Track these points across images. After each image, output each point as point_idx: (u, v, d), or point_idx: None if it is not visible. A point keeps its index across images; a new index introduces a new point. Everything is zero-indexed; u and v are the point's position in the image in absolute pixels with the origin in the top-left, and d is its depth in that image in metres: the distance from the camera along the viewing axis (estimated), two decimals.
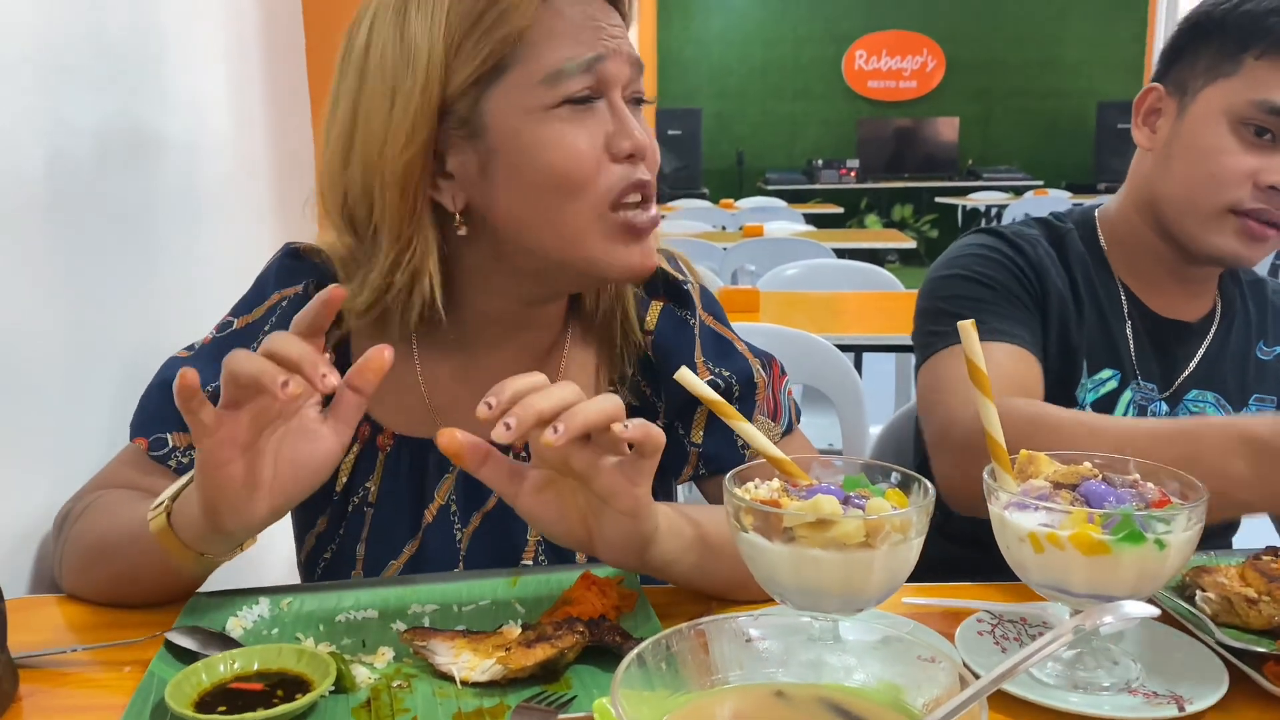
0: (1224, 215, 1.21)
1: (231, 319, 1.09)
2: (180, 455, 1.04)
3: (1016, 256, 1.30)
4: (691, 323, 1.14)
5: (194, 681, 0.78)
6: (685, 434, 1.14)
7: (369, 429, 1.09)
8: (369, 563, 1.08)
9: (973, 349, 0.86)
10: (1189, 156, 1.23)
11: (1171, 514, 0.78)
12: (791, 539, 0.78)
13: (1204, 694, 0.80)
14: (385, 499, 1.08)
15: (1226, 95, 1.20)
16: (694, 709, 0.70)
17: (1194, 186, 1.23)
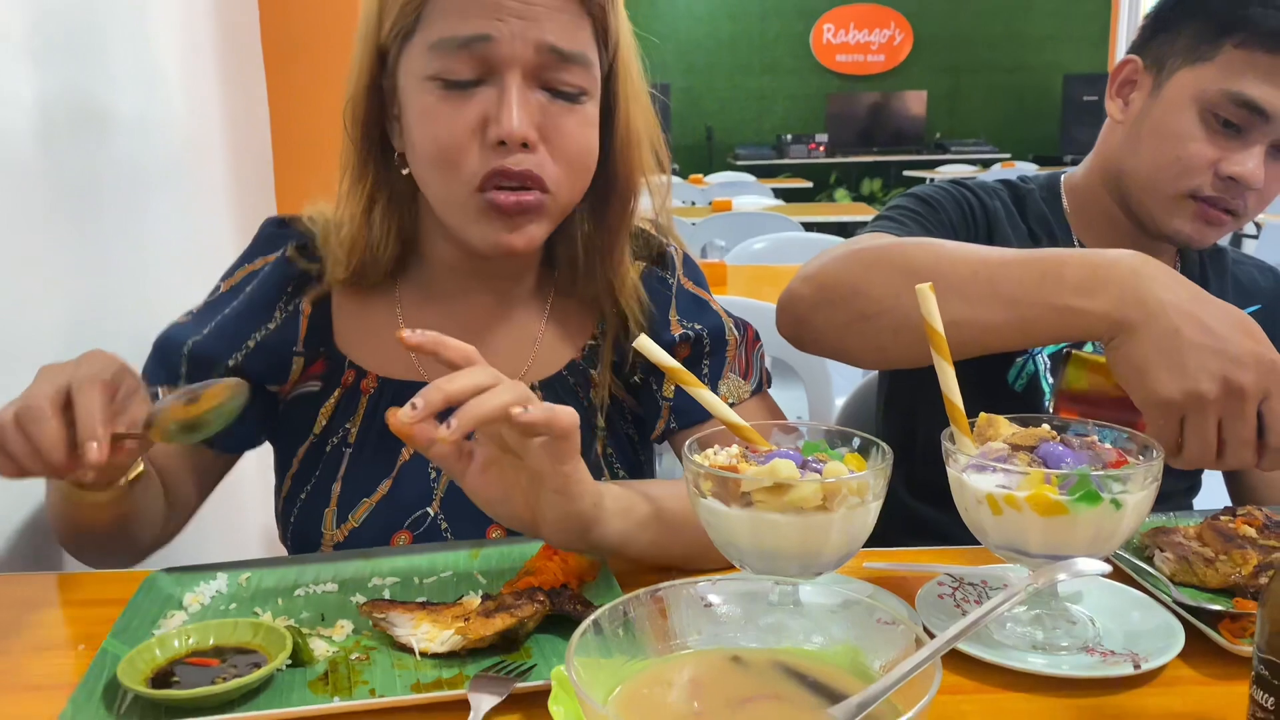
0: (1183, 200, 1.22)
1: (219, 284, 1.14)
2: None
3: (972, 199, 1.33)
4: (670, 283, 1.18)
5: (147, 657, 0.77)
6: (658, 389, 1.16)
7: (353, 374, 1.10)
8: (343, 501, 1.08)
9: (931, 313, 0.86)
10: (1156, 138, 1.24)
11: (1127, 474, 0.78)
12: (749, 504, 0.78)
13: (1160, 652, 0.80)
14: (364, 439, 1.10)
15: (1200, 81, 1.20)
16: (650, 675, 0.70)
17: (1158, 168, 1.23)
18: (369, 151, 1.06)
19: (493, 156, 0.97)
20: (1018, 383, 1.29)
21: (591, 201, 1.09)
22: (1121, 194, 1.29)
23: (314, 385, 1.11)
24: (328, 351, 1.11)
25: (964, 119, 11.19)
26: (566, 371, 1.15)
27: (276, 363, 1.09)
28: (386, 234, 1.07)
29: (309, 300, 1.10)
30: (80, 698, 0.73)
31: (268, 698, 0.75)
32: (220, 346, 1.08)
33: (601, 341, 1.16)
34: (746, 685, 0.69)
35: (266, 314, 1.10)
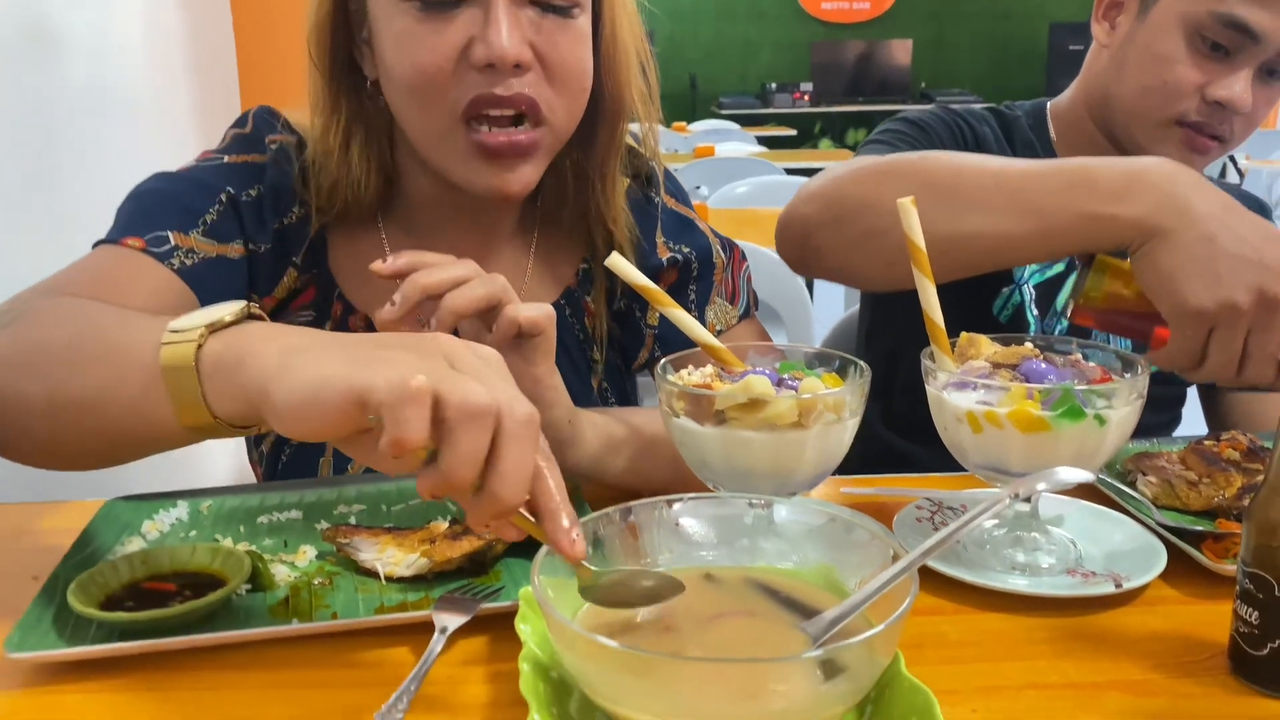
0: (1169, 126, 1.19)
1: (220, 155, 1.02)
2: (184, 256, 0.93)
3: (961, 124, 1.30)
4: (656, 201, 1.14)
5: (100, 582, 0.75)
6: (641, 317, 1.13)
7: (341, 308, 1.04)
8: (340, 452, 1.02)
9: (912, 228, 0.83)
10: (1143, 62, 1.20)
11: (1112, 390, 0.76)
12: (723, 422, 0.75)
13: (1142, 572, 0.79)
14: None
15: (1187, 2, 1.17)
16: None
17: (1143, 93, 1.20)
18: (339, 82, 0.97)
19: (479, 82, 0.89)
20: (1003, 314, 1.27)
21: (580, 124, 1.00)
22: (1106, 120, 1.26)
23: (306, 315, 1.04)
24: (320, 274, 1.04)
25: (949, 68, 11.09)
26: (563, 301, 1.10)
27: (274, 268, 1.01)
28: (367, 170, 1.00)
29: (305, 241, 1.02)
30: (29, 622, 0.70)
31: (225, 622, 0.73)
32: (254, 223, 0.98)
33: (593, 267, 1.12)
34: (718, 602, 0.67)
35: (285, 209, 1.01)
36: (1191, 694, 0.66)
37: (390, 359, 0.59)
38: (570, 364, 1.10)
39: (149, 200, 0.96)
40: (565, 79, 0.93)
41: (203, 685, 0.67)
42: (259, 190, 1.00)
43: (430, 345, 0.62)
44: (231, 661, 0.69)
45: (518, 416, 0.59)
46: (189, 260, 0.94)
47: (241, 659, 0.69)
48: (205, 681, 0.67)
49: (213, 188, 0.98)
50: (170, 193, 0.97)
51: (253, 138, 1.03)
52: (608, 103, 1.02)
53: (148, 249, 0.92)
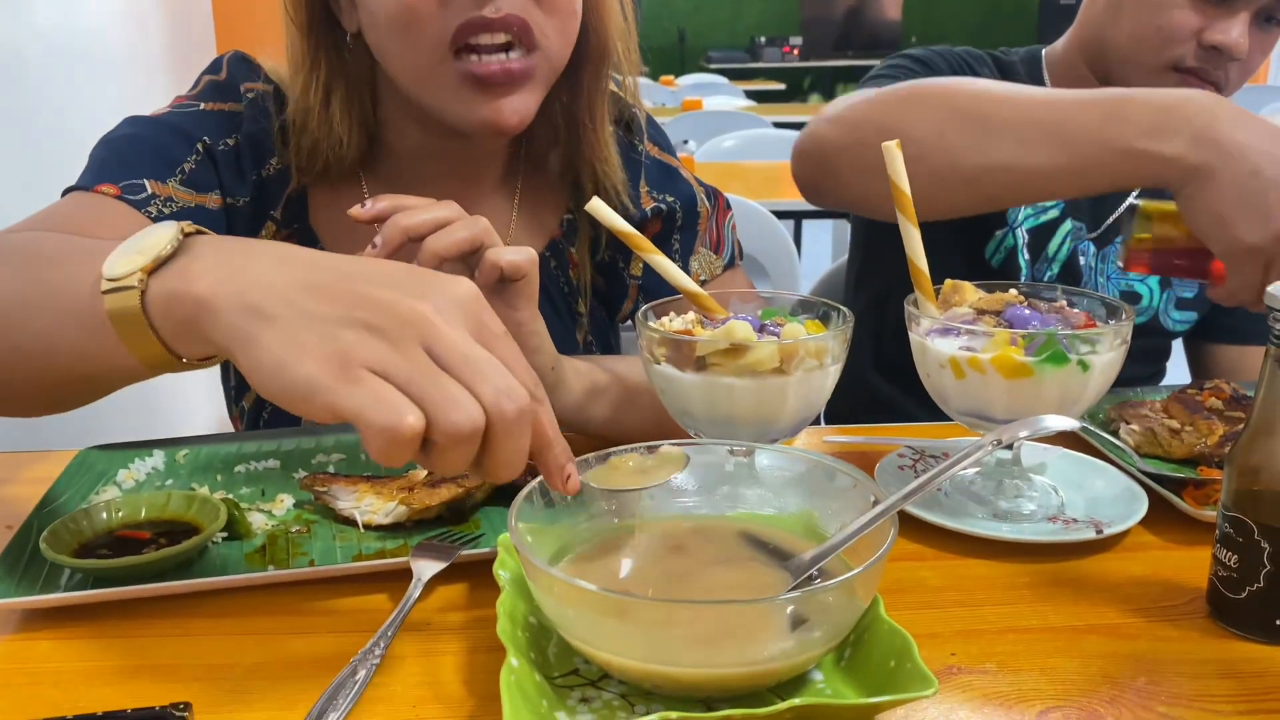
0: (1165, 72, 1.18)
1: (195, 102, 0.98)
2: (162, 205, 0.90)
3: (962, 65, 1.29)
4: (640, 150, 1.12)
5: (73, 529, 0.74)
6: (625, 267, 1.12)
7: None
8: None
9: (898, 172, 0.82)
10: (1138, 7, 1.19)
11: (1096, 335, 0.76)
12: (704, 368, 0.74)
13: (1123, 518, 0.79)
14: None
15: None
16: (605, 540, 0.67)
17: (1139, 38, 1.19)
18: (317, 38, 0.94)
19: (466, 5, 0.85)
20: (995, 257, 1.26)
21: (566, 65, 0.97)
22: (1102, 67, 1.25)
23: None
24: (301, 229, 1.01)
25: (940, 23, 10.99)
26: (548, 253, 1.09)
27: (252, 220, 0.99)
28: (348, 128, 0.96)
29: (284, 199, 1.00)
30: (1, 569, 0.69)
31: (201, 569, 0.72)
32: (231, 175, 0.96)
33: (577, 217, 1.10)
34: (700, 549, 0.67)
35: (262, 161, 0.98)
36: (1170, 637, 0.66)
37: (371, 363, 0.55)
38: (555, 316, 1.09)
39: (123, 146, 0.93)
40: (555, 3, 0.89)
41: (177, 632, 0.66)
42: (236, 140, 0.98)
43: (411, 330, 0.56)
44: (207, 609, 0.69)
45: (508, 419, 0.56)
46: (167, 209, 0.91)
47: (217, 606, 0.69)
48: (180, 628, 0.67)
49: (189, 135, 0.95)
50: (146, 139, 0.94)
51: (227, 85, 1.00)
52: (593, 41, 0.99)
53: (123, 196, 0.89)
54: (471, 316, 0.59)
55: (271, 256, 0.60)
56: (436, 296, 0.58)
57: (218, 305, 0.58)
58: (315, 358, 0.55)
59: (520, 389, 0.57)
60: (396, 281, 0.58)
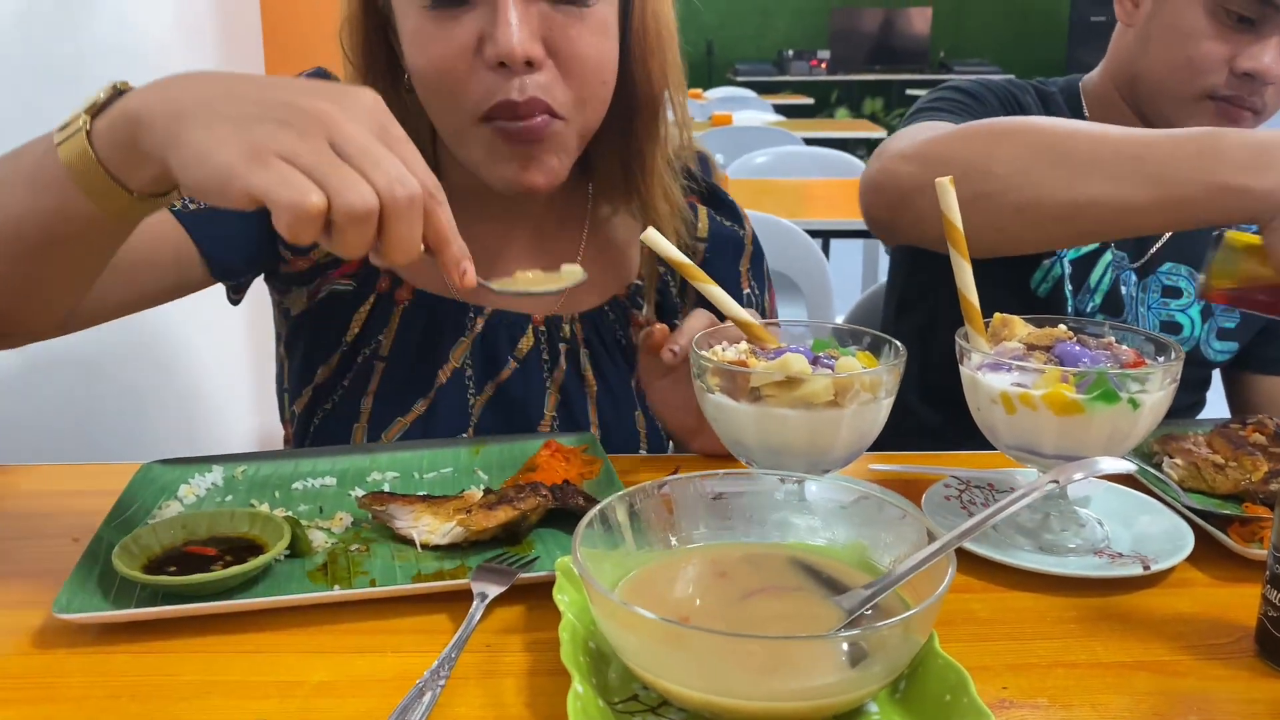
0: (1200, 101, 1.19)
1: None
2: (189, 200, 0.94)
3: (1007, 96, 1.29)
4: (741, 234, 1.17)
5: (143, 545, 0.76)
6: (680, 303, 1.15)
7: (389, 282, 1.05)
8: (375, 418, 1.04)
9: (950, 207, 0.83)
10: (1167, 39, 1.20)
11: (1146, 374, 0.77)
12: (758, 399, 0.76)
13: (1169, 554, 0.80)
14: (398, 353, 1.04)
15: None
16: (662, 566, 0.69)
17: (1170, 70, 1.19)
18: (375, 76, 0.97)
19: (496, 82, 0.88)
20: (1041, 288, 1.27)
21: (615, 115, 0.99)
22: (1136, 98, 1.26)
23: (345, 285, 1.04)
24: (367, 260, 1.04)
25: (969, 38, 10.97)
26: (608, 308, 1.10)
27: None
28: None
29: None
30: (75, 583, 0.71)
31: (266, 587, 0.74)
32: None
33: (648, 283, 1.12)
34: (755, 578, 0.68)
35: None
36: (1219, 676, 0.67)
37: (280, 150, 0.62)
38: (614, 368, 1.10)
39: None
40: (582, 73, 0.91)
41: (247, 648, 0.68)
42: None
43: (317, 125, 0.63)
44: (273, 625, 0.70)
45: (400, 203, 0.64)
46: (192, 204, 0.95)
47: (284, 622, 0.71)
48: (249, 644, 0.69)
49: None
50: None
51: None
52: (640, 91, 1.00)
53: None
54: (374, 119, 0.66)
55: (196, 77, 0.69)
56: (344, 99, 0.66)
57: (150, 116, 0.66)
58: (231, 148, 0.62)
59: (412, 179, 0.65)
60: (309, 90, 0.66)
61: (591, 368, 1.08)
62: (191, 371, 1.66)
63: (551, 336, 1.07)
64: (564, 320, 1.08)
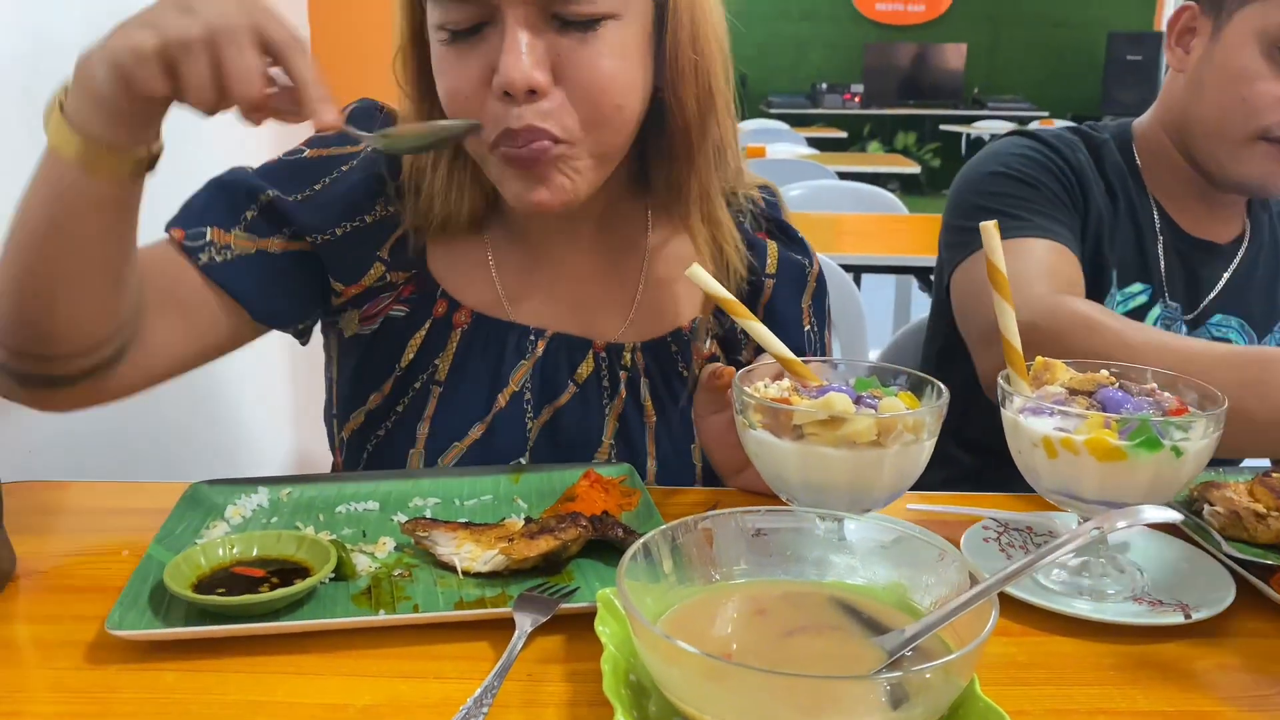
0: (1254, 142, 1.19)
1: (304, 148, 1.07)
2: (215, 251, 0.98)
3: (1059, 159, 1.28)
4: (807, 270, 1.17)
5: (192, 564, 0.77)
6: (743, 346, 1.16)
7: (445, 305, 1.06)
8: (432, 443, 1.04)
9: (994, 250, 0.84)
10: (1221, 80, 1.20)
11: (1189, 422, 0.77)
12: (801, 436, 0.77)
13: (1210, 603, 0.79)
14: (455, 377, 1.05)
15: (1262, 16, 1.17)
16: (704, 601, 0.69)
17: (1225, 112, 1.20)
18: (429, 104, 0.99)
19: (502, 111, 0.90)
20: None
21: (660, 138, 1.01)
22: (1187, 144, 1.26)
23: (400, 310, 1.06)
24: (419, 274, 1.05)
25: (1003, 74, 10.98)
26: (670, 339, 1.11)
27: (355, 260, 1.03)
28: (460, 188, 1.02)
29: (406, 264, 1.05)
30: (127, 600, 0.73)
31: (312, 609, 0.75)
32: (307, 216, 1.01)
33: (704, 317, 1.13)
34: (795, 615, 0.69)
35: (367, 205, 1.03)
36: None
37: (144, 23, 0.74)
38: (674, 400, 1.10)
39: (204, 198, 1.02)
40: (589, 97, 0.92)
41: (293, 669, 0.69)
42: (325, 184, 1.03)
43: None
44: (319, 647, 0.72)
45: (220, 32, 0.73)
46: (219, 257, 0.98)
47: (329, 645, 0.72)
48: (293, 666, 0.70)
49: (258, 188, 1.01)
50: (226, 188, 1.02)
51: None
52: (674, 117, 1.00)
53: (184, 242, 0.98)
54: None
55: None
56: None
57: (94, 55, 0.76)
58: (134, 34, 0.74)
59: (238, 13, 0.74)
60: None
61: (651, 399, 1.09)
62: (233, 393, 1.69)
63: (612, 364, 1.08)
64: (625, 349, 1.08)
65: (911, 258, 2.77)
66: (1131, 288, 1.28)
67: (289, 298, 1.04)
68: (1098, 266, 1.27)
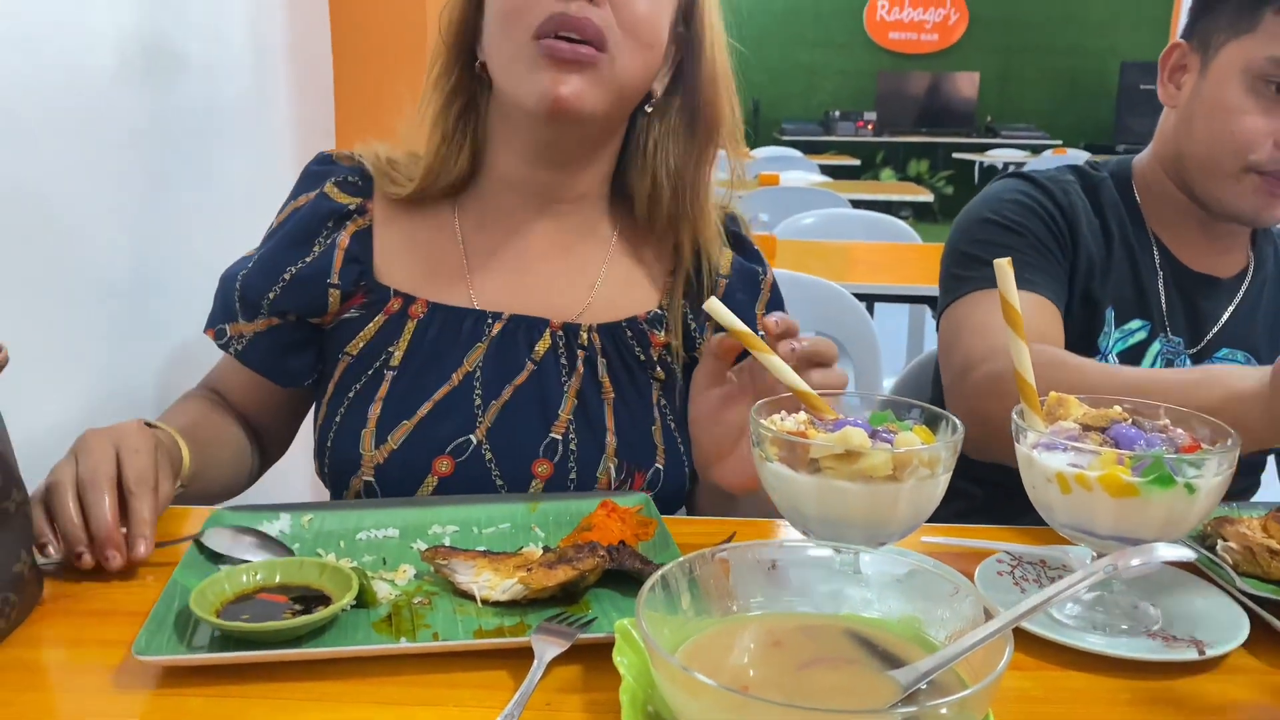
0: (1244, 175, 1.21)
1: (274, 221, 1.18)
2: (237, 342, 1.14)
3: (1049, 203, 1.30)
4: (762, 279, 1.24)
5: (217, 590, 0.79)
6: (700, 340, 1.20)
7: (400, 301, 1.12)
8: (381, 422, 1.09)
9: (1008, 288, 0.85)
10: (1210, 115, 1.22)
11: (1202, 459, 0.77)
12: (817, 470, 0.77)
13: (1224, 639, 0.80)
14: (409, 363, 1.11)
15: (1246, 52, 1.19)
16: (721, 633, 0.70)
17: (1214, 146, 1.22)
18: (457, 53, 1.11)
19: (558, 5, 1.00)
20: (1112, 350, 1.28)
21: (674, 129, 1.13)
22: (1182, 178, 1.28)
23: (354, 313, 1.13)
24: (367, 284, 1.13)
25: (1016, 102, 11.02)
26: (626, 325, 1.15)
27: (313, 295, 1.12)
28: (461, 137, 1.12)
29: (347, 234, 1.13)
30: (153, 625, 0.74)
31: (334, 635, 0.76)
32: (262, 280, 1.12)
33: (668, 313, 1.17)
34: (810, 648, 0.69)
35: (305, 247, 1.13)
36: None
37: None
38: (632, 383, 1.15)
39: (217, 297, 1.16)
40: (634, 25, 1.04)
41: (314, 696, 0.70)
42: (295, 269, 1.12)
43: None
44: (341, 674, 0.73)
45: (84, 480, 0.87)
46: (240, 345, 1.15)
47: (351, 672, 0.73)
48: (316, 693, 0.71)
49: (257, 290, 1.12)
50: (224, 283, 1.16)
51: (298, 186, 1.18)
52: (705, 111, 1.14)
53: (215, 341, 1.16)
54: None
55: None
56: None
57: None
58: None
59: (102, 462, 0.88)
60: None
61: (609, 377, 1.14)
62: None
63: (569, 342, 1.13)
64: (582, 329, 1.13)
65: (925, 287, 2.78)
66: (1130, 324, 1.29)
67: (299, 356, 1.16)
68: (1090, 306, 1.29)
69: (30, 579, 0.80)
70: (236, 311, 1.14)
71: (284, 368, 1.15)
